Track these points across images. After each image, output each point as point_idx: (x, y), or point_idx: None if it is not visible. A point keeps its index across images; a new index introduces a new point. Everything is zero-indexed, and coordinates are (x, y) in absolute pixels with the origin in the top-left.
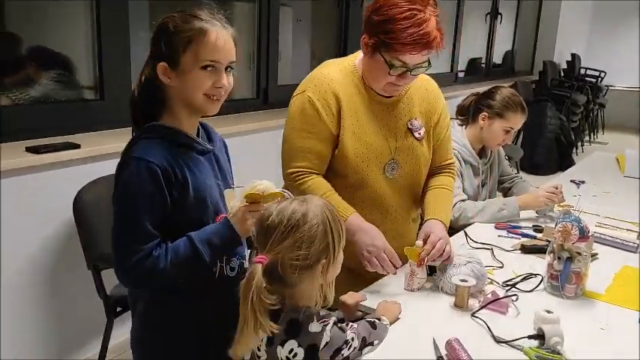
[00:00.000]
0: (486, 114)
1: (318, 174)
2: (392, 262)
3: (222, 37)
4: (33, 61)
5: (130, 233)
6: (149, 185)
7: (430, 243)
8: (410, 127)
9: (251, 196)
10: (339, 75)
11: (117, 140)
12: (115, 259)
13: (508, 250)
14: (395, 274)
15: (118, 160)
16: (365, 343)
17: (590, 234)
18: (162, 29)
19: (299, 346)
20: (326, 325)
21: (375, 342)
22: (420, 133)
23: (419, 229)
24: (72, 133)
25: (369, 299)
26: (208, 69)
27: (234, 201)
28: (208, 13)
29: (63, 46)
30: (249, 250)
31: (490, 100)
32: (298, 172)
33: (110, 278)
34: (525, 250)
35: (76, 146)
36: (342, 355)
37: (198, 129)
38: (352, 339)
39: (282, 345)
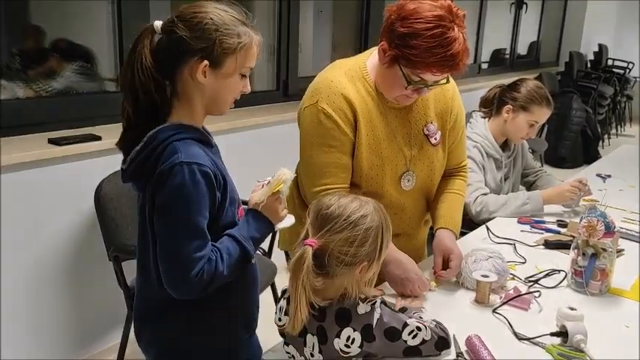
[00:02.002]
0: (511, 107)
1: (345, 188)
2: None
3: (259, 45)
4: (56, 53)
5: (193, 241)
6: (204, 189)
7: (455, 268)
8: (426, 132)
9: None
10: (349, 81)
11: None
12: (177, 270)
13: (531, 246)
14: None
15: (115, 143)
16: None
17: (615, 229)
18: (207, 25)
19: (354, 331)
20: (374, 304)
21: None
22: (436, 138)
23: (430, 232)
24: (93, 125)
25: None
26: (244, 75)
27: (255, 193)
28: (246, 17)
29: (85, 38)
30: None
31: (515, 92)
32: (327, 189)
33: (131, 269)
34: (549, 245)
35: (98, 138)
36: (407, 343)
37: None
38: (418, 328)
39: (339, 335)
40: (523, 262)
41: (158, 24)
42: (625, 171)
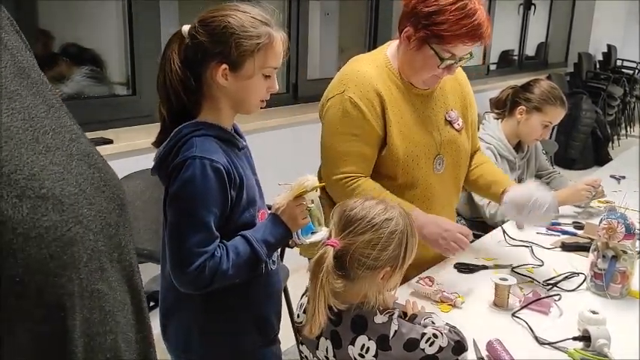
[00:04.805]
0: (524, 108)
1: (365, 177)
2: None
3: (283, 43)
4: (65, 57)
5: (196, 234)
6: (215, 185)
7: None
8: (448, 118)
9: (300, 193)
10: (375, 70)
11: (149, 135)
12: (177, 262)
13: (548, 248)
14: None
15: (150, 155)
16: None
17: (636, 231)
18: (225, 29)
19: (369, 339)
20: (392, 315)
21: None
22: (458, 124)
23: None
24: (104, 129)
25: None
26: (268, 75)
27: (278, 197)
28: (270, 14)
29: (94, 41)
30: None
31: (528, 93)
32: (347, 177)
33: (143, 273)
34: (566, 247)
35: (109, 142)
36: (424, 352)
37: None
38: (434, 335)
39: (353, 343)
40: (541, 265)
41: (185, 29)
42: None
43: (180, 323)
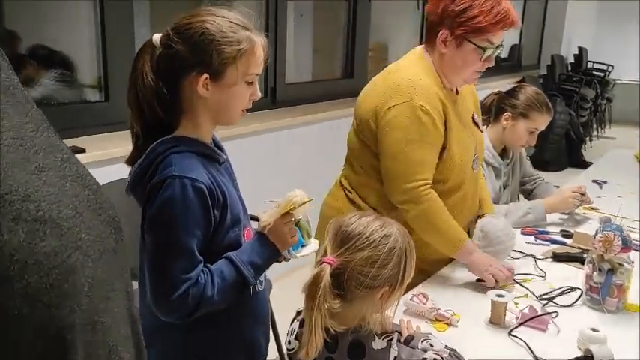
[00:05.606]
0: (510, 114)
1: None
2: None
3: (264, 47)
4: (33, 60)
5: (177, 261)
6: (196, 206)
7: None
8: (475, 120)
9: (289, 210)
10: (431, 79)
11: (124, 144)
12: (159, 291)
13: (540, 259)
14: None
15: (124, 162)
16: None
17: (633, 243)
18: (203, 36)
19: None
20: (391, 340)
21: None
22: (480, 126)
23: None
24: (76, 137)
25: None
26: (250, 82)
27: (265, 214)
28: (248, 17)
29: (64, 44)
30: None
31: (513, 99)
32: (424, 184)
33: None
34: (557, 258)
35: (81, 151)
36: None
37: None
38: None
39: None
40: (543, 277)
41: (157, 38)
42: (620, 177)
43: (163, 348)
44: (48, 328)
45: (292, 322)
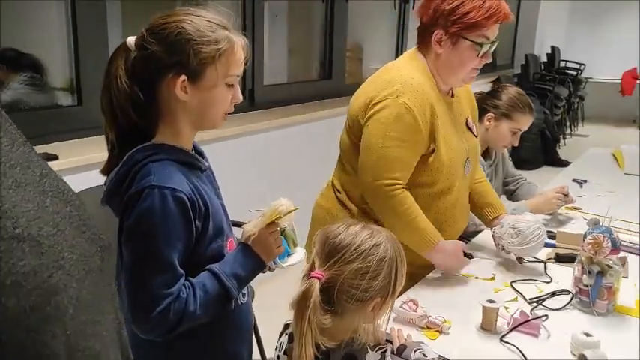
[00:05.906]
0: (492, 115)
1: (404, 187)
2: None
3: (243, 48)
4: (1, 63)
5: (158, 273)
6: (177, 217)
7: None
8: (469, 125)
9: (274, 220)
10: (424, 78)
11: (98, 149)
12: (138, 307)
13: (542, 261)
14: None
15: (98, 170)
16: None
17: (621, 245)
18: (179, 35)
19: None
20: (384, 352)
21: None
22: (474, 130)
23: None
24: (49, 143)
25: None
26: (231, 84)
27: (249, 224)
28: (226, 17)
29: (33, 46)
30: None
31: (496, 99)
32: (393, 183)
33: None
34: (560, 259)
35: (54, 157)
36: None
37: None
38: None
39: None
40: (548, 282)
41: (131, 40)
42: (599, 175)
43: None
44: (29, 356)
45: (280, 336)
